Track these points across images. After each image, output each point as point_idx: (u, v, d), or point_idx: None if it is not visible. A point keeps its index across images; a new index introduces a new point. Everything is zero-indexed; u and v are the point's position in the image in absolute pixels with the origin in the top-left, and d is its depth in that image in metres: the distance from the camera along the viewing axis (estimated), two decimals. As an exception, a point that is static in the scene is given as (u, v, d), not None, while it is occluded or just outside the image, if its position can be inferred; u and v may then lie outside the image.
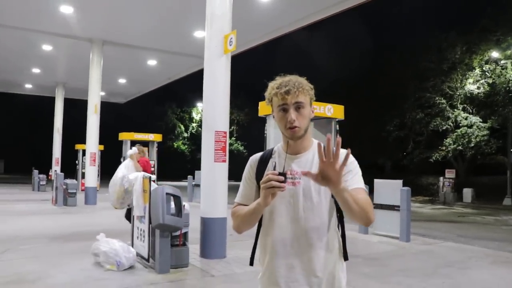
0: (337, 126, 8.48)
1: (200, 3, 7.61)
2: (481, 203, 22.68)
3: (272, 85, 1.86)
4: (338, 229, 1.91)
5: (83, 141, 16.33)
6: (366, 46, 29.34)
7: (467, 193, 23.75)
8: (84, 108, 15.81)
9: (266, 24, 12.11)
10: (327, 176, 1.56)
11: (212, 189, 7.08)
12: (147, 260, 6.00)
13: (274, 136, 7.99)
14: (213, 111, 7.12)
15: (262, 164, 1.93)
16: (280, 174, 1.62)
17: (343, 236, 1.92)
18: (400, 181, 9.20)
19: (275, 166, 1.82)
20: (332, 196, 1.81)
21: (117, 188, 6.86)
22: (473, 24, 24.60)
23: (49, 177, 20.64)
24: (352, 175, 1.79)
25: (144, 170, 7.49)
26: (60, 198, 14.38)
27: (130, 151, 7.81)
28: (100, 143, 15.95)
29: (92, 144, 15.25)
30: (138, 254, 6.18)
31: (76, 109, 26.75)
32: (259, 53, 17.46)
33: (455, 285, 5.67)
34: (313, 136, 6.56)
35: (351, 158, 1.84)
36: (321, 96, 8.54)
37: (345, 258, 1.90)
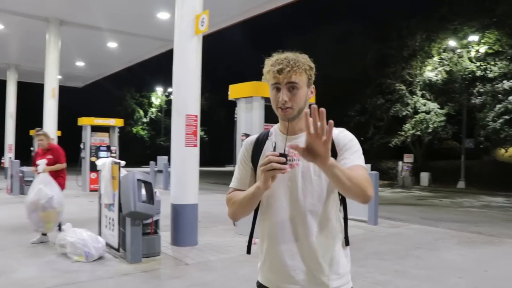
0: (309, 110, 8.41)
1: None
2: (437, 186, 23.50)
3: (268, 62, 1.73)
4: (340, 212, 1.81)
5: (39, 126, 15.57)
6: (330, 31, 29.43)
7: (424, 177, 24.52)
8: (40, 92, 15.05)
9: (237, 5, 11.78)
10: (314, 150, 1.42)
11: (183, 175, 6.87)
12: (117, 250, 5.77)
13: (245, 120, 7.82)
14: (184, 94, 6.88)
15: (258, 146, 1.83)
16: (281, 155, 1.49)
17: (346, 219, 1.82)
18: (367, 166, 9.27)
19: (275, 147, 1.72)
20: None
21: (47, 213, 6.23)
22: (433, 12, 25.12)
23: (2, 165, 19.68)
24: (351, 152, 1.69)
25: (58, 159, 6.80)
26: (16, 186, 13.73)
27: (41, 165, 6.48)
28: (58, 128, 15.26)
29: (49, 130, 14.40)
30: (107, 244, 5.92)
31: (31, 93, 25.57)
32: (219, 36, 17.10)
33: (428, 266, 5.77)
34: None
35: (350, 135, 1.77)
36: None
37: (347, 243, 1.80)
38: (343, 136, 1.74)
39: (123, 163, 5.86)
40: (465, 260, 6.20)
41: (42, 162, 6.46)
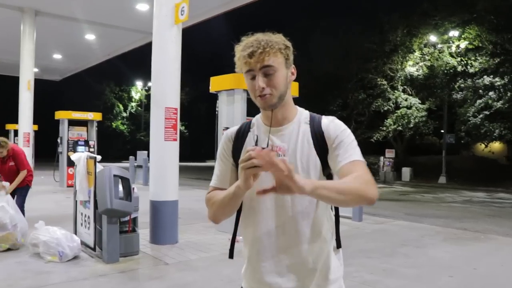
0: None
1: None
2: (419, 181, 23.64)
3: (238, 48, 1.54)
4: (332, 210, 1.63)
5: (14, 120, 15.08)
6: (311, 25, 29.28)
7: (406, 172, 24.67)
8: (14, 85, 14.54)
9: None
10: (285, 185, 1.27)
11: (162, 170, 6.59)
12: (93, 249, 5.48)
13: (226, 113, 7.58)
14: (163, 86, 6.58)
15: (240, 140, 1.63)
16: (263, 150, 1.30)
17: (337, 219, 1.64)
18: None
19: (257, 141, 1.53)
20: (325, 175, 1.54)
21: (6, 234, 5.67)
22: (415, 7, 25.16)
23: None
24: (345, 146, 1.49)
25: (20, 165, 6.33)
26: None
27: (6, 188, 5.97)
28: (34, 122, 14.79)
29: (25, 124, 14.08)
30: (82, 243, 5.63)
31: (6, 86, 24.81)
32: (200, 29, 16.80)
33: (416, 264, 5.63)
34: None
35: (341, 125, 1.56)
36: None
37: (338, 245, 1.64)
38: (333, 126, 1.54)
39: (99, 157, 5.56)
40: (453, 258, 6.08)
41: (6, 185, 6.01)
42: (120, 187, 5.29)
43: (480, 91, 21.69)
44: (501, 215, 11.36)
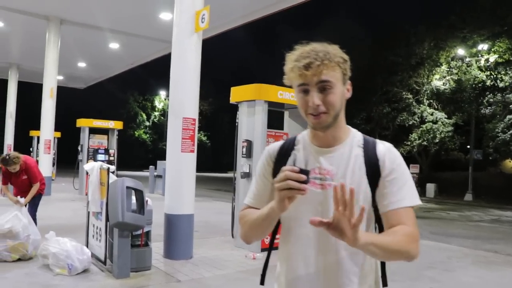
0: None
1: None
2: (444, 198, 22.96)
3: (290, 57, 1.39)
4: None
5: (38, 127, 15.23)
6: (336, 37, 29.03)
7: (430, 188, 24.00)
8: (39, 92, 14.69)
9: (239, 6, 11.34)
10: (341, 229, 1.17)
11: (178, 183, 6.39)
12: (104, 263, 5.29)
13: (246, 125, 7.35)
14: (182, 96, 6.41)
15: (282, 157, 1.49)
16: (301, 171, 1.21)
17: None
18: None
19: (295, 161, 1.32)
20: (373, 205, 1.41)
21: (18, 244, 5.49)
22: (442, 20, 24.68)
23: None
24: (398, 184, 1.38)
25: (33, 178, 6.26)
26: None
27: (21, 202, 5.95)
28: (57, 129, 14.89)
29: (47, 131, 14.17)
30: (93, 255, 5.45)
31: (31, 94, 25.24)
32: (224, 39, 16.78)
33: (444, 291, 5.27)
34: (287, 127, 5.80)
35: (398, 157, 1.44)
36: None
37: (384, 283, 1.48)
38: (390, 157, 1.41)
39: (112, 168, 5.40)
40: (484, 284, 5.69)
41: (21, 201, 5.92)
42: (133, 199, 5.10)
43: (511, 106, 21.01)
44: (533, 237, 10.80)
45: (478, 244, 9.01)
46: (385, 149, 1.44)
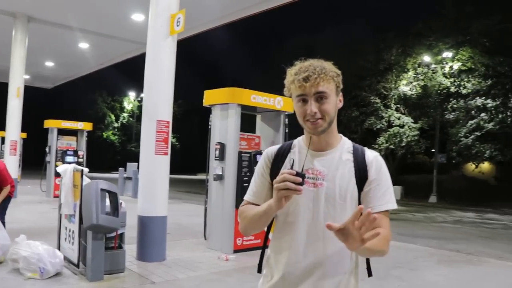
0: (286, 119, 8.09)
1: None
2: (410, 200, 23.59)
3: (290, 71, 1.62)
4: None
5: (2, 128, 14.82)
6: (308, 41, 29.43)
7: (397, 190, 24.55)
8: (3, 91, 14.30)
9: (214, 8, 11.36)
10: (348, 236, 1.33)
11: (151, 185, 6.40)
12: (77, 266, 5.25)
13: (219, 128, 7.42)
14: (156, 98, 6.43)
15: (279, 160, 1.69)
16: (297, 174, 1.39)
17: None
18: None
19: (292, 164, 1.56)
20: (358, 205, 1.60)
21: None
22: (410, 27, 25.36)
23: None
24: (381, 190, 1.59)
25: (3, 180, 6.09)
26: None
27: None
28: (23, 130, 14.52)
29: (13, 132, 13.79)
30: (66, 258, 5.39)
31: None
32: (193, 41, 16.76)
33: (410, 290, 5.48)
34: (259, 130, 5.95)
35: (384, 165, 1.65)
36: (267, 88, 8.13)
37: (369, 273, 1.75)
38: (377, 164, 1.63)
39: (86, 170, 5.37)
40: (448, 282, 5.95)
41: None
42: (107, 202, 5.10)
43: (472, 112, 21.82)
44: (492, 237, 11.27)
45: (442, 244, 9.35)
46: (373, 156, 1.65)
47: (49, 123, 14.65)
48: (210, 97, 7.66)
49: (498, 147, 21.12)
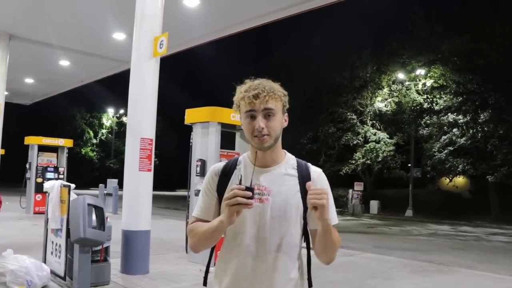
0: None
1: (122, 2, 7.15)
2: (386, 214, 24.08)
3: (240, 89, 1.68)
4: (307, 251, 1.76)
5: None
6: (284, 58, 29.96)
7: (374, 205, 25.09)
8: (-16, 108, 14.27)
9: (196, 28, 11.70)
10: (316, 203, 1.48)
11: (135, 200, 6.62)
12: (63, 279, 5.42)
13: (200, 145, 7.70)
14: (140, 117, 6.68)
15: (225, 176, 1.72)
16: (247, 188, 1.44)
17: (309, 260, 1.75)
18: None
19: (241, 180, 1.59)
20: (304, 219, 1.68)
21: None
22: (384, 46, 26.16)
23: None
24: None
25: None
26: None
27: None
28: (1, 147, 14.48)
29: (-8, 148, 13.80)
30: (52, 272, 5.55)
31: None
32: (171, 60, 17.03)
33: (383, 297, 5.79)
34: (239, 146, 6.33)
35: (327, 183, 1.75)
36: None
37: (309, 284, 1.77)
38: (321, 181, 1.73)
39: (73, 186, 5.57)
40: (419, 290, 6.28)
41: None
42: (94, 216, 5.30)
43: (445, 127, 22.55)
44: (464, 248, 11.72)
45: (416, 255, 9.74)
46: (318, 172, 1.75)
47: (29, 140, 14.68)
48: (191, 115, 7.94)
49: (470, 161, 21.81)
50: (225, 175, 1.72)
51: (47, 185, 5.91)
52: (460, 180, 26.90)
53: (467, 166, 21.82)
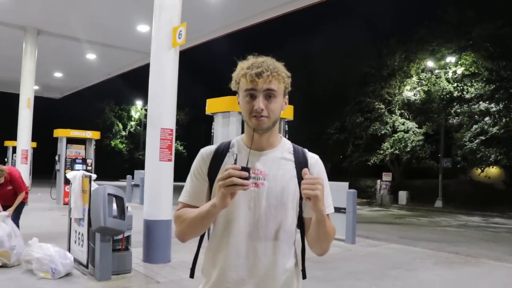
0: (286, 126, 8.35)
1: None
2: (415, 205, 23.63)
3: (242, 65, 1.56)
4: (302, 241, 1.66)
5: (13, 137, 15.20)
6: (309, 49, 29.66)
7: (402, 195, 24.66)
8: (15, 102, 14.72)
9: (215, 19, 11.70)
10: (309, 194, 1.40)
11: (156, 190, 6.69)
12: (86, 267, 5.53)
13: (221, 135, 7.70)
14: (160, 107, 6.73)
15: (217, 159, 1.61)
16: (243, 168, 1.33)
17: (303, 250, 1.66)
18: (346, 184, 9.22)
19: (236, 160, 1.48)
20: (300, 206, 1.60)
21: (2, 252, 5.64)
22: (413, 33, 25.55)
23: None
24: (324, 195, 1.46)
25: (18, 188, 6.37)
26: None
27: (3, 216, 5.98)
28: (33, 140, 14.91)
29: (23, 141, 14.21)
30: (75, 260, 5.69)
31: (5, 104, 25.05)
32: (200, 50, 17.07)
33: (405, 288, 5.69)
34: None
35: (324, 169, 1.66)
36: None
37: (304, 276, 1.67)
38: (319, 167, 1.64)
39: (94, 176, 5.67)
40: (443, 281, 6.15)
41: (2, 215, 6.00)
42: (114, 206, 5.38)
43: (476, 116, 21.92)
44: (494, 240, 11.40)
45: (442, 246, 9.52)
46: (315, 158, 1.65)
47: (58, 133, 15.03)
48: (212, 105, 7.95)
49: (503, 151, 21.16)
50: (217, 158, 1.62)
51: (69, 175, 6.03)
52: (493, 170, 26.17)
53: (499, 156, 21.17)
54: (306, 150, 1.68)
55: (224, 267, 1.55)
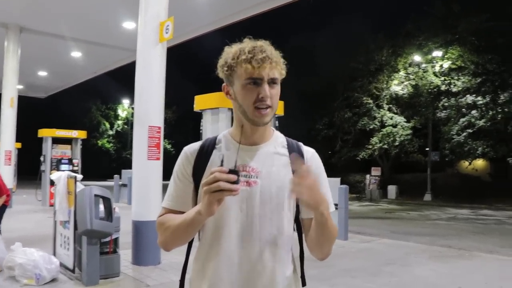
0: (277, 122, 8.22)
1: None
2: (404, 199, 23.74)
3: (237, 48, 1.37)
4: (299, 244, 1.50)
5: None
6: (297, 44, 29.56)
7: (392, 190, 24.75)
8: (-2, 102, 14.38)
9: (204, 14, 11.48)
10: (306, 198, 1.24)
11: (145, 190, 6.51)
12: (73, 271, 5.34)
13: (211, 133, 7.54)
14: (147, 104, 6.54)
15: (203, 158, 1.44)
16: (230, 171, 1.16)
17: (302, 254, 1.51)
18: (338, 179, 9.15)
19: (222, 160, 1.26)
20: (296, 206, 1.44)
21: None
22: (399, 28, 25.60)
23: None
24: (322, 191, 1.31)
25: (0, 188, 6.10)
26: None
27: None
28: (18, 140, 14.59)
29: (7, 142, 13.87)
30: (61, 264, 5.49)
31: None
32: (187, 47, 16.85)
33: (401, 284, 5.61)
34: None
35: (321, 163, 1.51)
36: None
37: (303, 283, 1.51)
38: (316, 162, 1.50)
39: (79, 177, 5.47)
40: (438, 276, 6.08)
41: None
42: (101, 207, 5.20)
43: (463, 109, 22.04)
44: (484, 232, 11.42)
45: (435, 240, 9.50)
46: (311, 152, 1.51)
47: (43, 132, 14.73)
48: (200, 102, 7.78)
49: (490, 144, 21.33)
50: (203, 156, 1.44)
51: (53, 176, 5.83)
52: (479, 163, 26.37)
53: (486, 148, 21.34)
54: (301, 144, 1.54)
55: (214, 279, 1.39)
